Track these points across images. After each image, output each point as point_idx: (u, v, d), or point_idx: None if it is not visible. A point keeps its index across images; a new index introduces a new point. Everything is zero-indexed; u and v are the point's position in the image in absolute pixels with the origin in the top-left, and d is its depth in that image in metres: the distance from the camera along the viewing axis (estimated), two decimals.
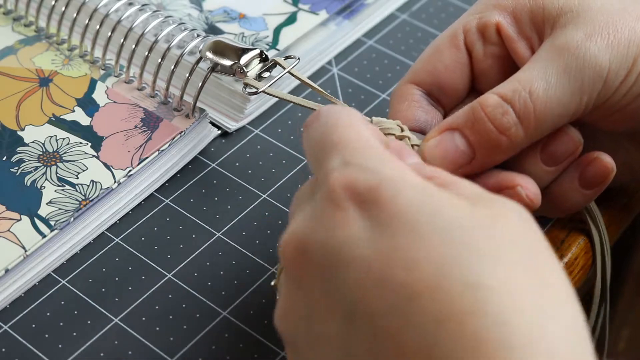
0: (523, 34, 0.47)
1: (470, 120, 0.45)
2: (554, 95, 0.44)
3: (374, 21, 0.63)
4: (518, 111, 0.44)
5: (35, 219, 0.48)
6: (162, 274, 0.49)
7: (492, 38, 0.48)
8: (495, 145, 0.44)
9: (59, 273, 0.49)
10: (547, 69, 0.45)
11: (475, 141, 0.45)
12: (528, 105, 0.44)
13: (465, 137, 0.45)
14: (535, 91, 0.44)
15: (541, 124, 0.44)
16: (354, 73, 0.60)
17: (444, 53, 0.49)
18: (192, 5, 0.60)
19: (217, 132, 0.56)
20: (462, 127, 0.45)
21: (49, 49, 0.57)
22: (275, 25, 0.59)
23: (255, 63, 0.53)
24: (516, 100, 0.44)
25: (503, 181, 0.45)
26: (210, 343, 0.47)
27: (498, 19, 0.48)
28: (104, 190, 0.50)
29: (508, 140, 0.44)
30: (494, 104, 0.44)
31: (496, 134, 0.44)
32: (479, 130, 0.44)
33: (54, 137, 0.52)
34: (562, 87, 0.44)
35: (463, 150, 0.45)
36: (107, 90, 0.55)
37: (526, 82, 0.44)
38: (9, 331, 0.47)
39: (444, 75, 0.48)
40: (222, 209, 0.52)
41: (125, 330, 0.47)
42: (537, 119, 0.44)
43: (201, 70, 0.53)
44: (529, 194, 0.44)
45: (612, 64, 0.44)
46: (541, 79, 0.44)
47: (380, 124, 0.47)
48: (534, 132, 0.44)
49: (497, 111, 0.44)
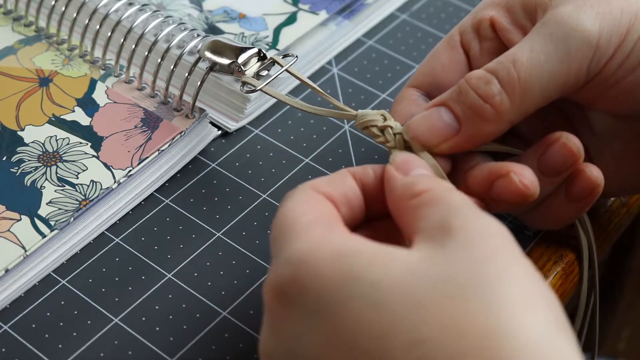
0: (516, 23, 0.47)
1: (455, 92, 0.45)
2: (538, 62, 0.44)
3: (374, 21, 0.63)
4: (501, 79, 0.44)
5: (35, 219, 0.48)
6: (162, 274, 0.49)
7: (487, 33, 0.48)
8: (479, 114, 0.44)
9: (59, 273, 0.49)
10: (532, 39, 0.44)
11: (460, 111, 0.44)
12: (511, 72, 0.44)
13: (450, 110, 0.45)
14: (519, 59, 0.44)
15: (527, 92, 0.44)
16: (354, 73, 0.60)
17: (441, 55, 0.49)
18: (192, 5, 0.60)
19: (217, 132, 0.56)
20: (448, 100, 0.45)
21: (49, 49, 0.57)
22: (275, 25, 0.59)
23: (254, 62, 0.53)
24: (499, 70, 0.44)
25: (496, 170, 0.44)
26: (210, 343, 0.47)
27: (491, 14, 0.48)
28: (104, 190, 0.50)
29: (492, 109, 0.44)
30: (478, 76, 0.44)
31: (480, 102, 0.44)
32: (463, 100, 0.44)
33: (54, 137, 0.52)
34: (547, 54, 0.44)
35: (448, 122, 0.44)
36: (107, 90, 0.55)
37: (510, 54, 0.44)
38: (9, 331, 0.47)
39: (441, 74, 0.48)
40: (222, 209, 0.52)
41: (125, 330, 0.47)
42: (522, 87, 0.44)
43: (200, 70, 0.53)
44: (523, 180, 0.43)
45: (602, 31, 0.44)
46: (525, 49, 0.44)
47: (363, 117, 0.47)
48: (520, 100, 0.44)
49: (481, 81, 0.44)
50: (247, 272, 0.49)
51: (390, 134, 0.46)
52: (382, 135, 0.46)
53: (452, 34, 0.49)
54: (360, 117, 0.47)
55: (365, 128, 0.47)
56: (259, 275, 0.49)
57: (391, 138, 0.46)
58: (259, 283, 0.49)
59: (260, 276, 0.49)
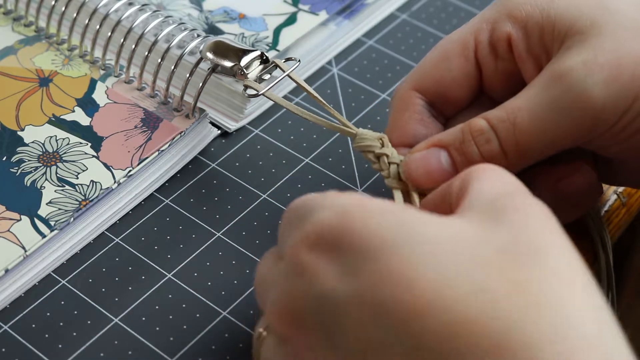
0: (532, 52, 0.46)
1: (458, 140, 0.44)
2: (538, 128, 0.43)
3: (374, 21, 0.63)
4: (501, 140, 0.44)
5: (35, 219, 0.48)
6: (162, 274, 0.49)
7: (504, 53, 0.47)
8: None
9: (59, 273, 0.49)
10: (536, 99, 0.43)
11: (459, 162, 0.44)
12: (511, 136, 0.43)
13: (450, 156, 0.45)
14: (519, 122, 0.43)
15: (524, 155, 0.44)
16: (354, 73, 0.60)
17: (453, 63, 0.47)
18: (192, 5, 0.60)
19: (217, 132, 0.56)
20: (449, 146, 0.45)
21: (49, 49, 0.57)
22: (275, 25, 0.59)
23: (256, 64, 0.53)
24: (499, 129, 0.44)
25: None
26: (210, 343, 0.47)
27: (510, 32, 0.46)
28: (104, 191, 0.50)
29: None
30: (480, 129, 0.44)
31: (480, 158, 0.44)
32: (464, 152, 0.44)
33: (54, 137, 0.52)
34: (548, 121, 0.43)
35: (446, 169, 0.45)
36: (107, 91, 0.55)
37: (511, 112, 0.44)
38: (9, 331, 0.47)
39: (450, 86, 0.48)
40: (222, 209, 0.52)
41: (125, 330, 0.47)
42: (519, 151, 0.44)
43: (201, 70, 0.53)
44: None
45: (608, 100, 0.42)
46: (527, 110, 0.43)
47: (361, 140, 0.47)
48: (517, 162, 0.44)
49: (482, 137, 0.44)
50: (247, 272, 0.49)
51: (385, 162, 0.46)
52: (378, 162, 0.46)
53: (467, 41, 0.47)
54: (359, 139, 0.47)
55: (362, 152, 0.47)
56: None
57: (385, 167, 0.46)
58: None
59: None
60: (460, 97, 0.48)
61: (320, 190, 0.53)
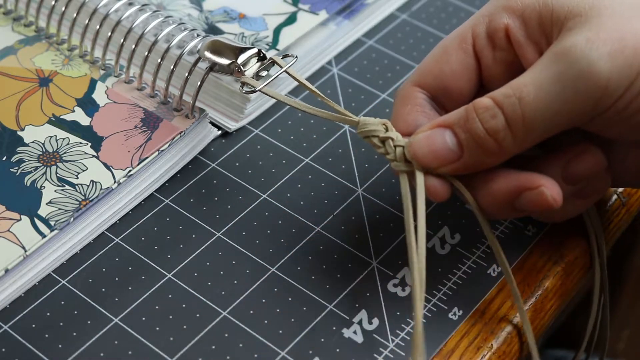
0: (531, 38, 0.46)
1: (462, 118, 0.45)
2: (544, 101, 0.43)
3: (374, 21, 0.63)
4: (507, 115, 0.44)
5: (35, 219, 0.48)
6: (162, 274, 0.49)
7: (501, 43, 0.47)
8: (482, 146, 0.44)
9: (59, 273, 0.49)
10: (541, 75, 0.44)
11: (464, 140, 0.45)
12: (517, 110, 0.43)
13: (455, 135, 0.45)
14: (525, 97, 0.43)
15: (530, 131, 0.44)
16: (354, 73, 0.60)
17: (452, 56, 0.48)
18: (192, 5, 0.60)
19: (217, 132, 0.56)
20: (454, 125, 0.45)
21: (49, 49, 0.57)
22: (275, 25, 0.59)
23: (253, 62, 0.53)
24: (505, 105, 0.44)
25: (525, 182, 0.45)
26: (210, 343, 0.47)
27: (507, 22, 0.47)
28: (104, 190, 0.50)
29: (496, 144, 0.44)
30: (485, 106, 0.44)
31: (485, 135, 0.44)
32: (469, 129, 0.44)
33: (54, 137, 0.52)
34: (553, 95, 0.43)
35: (451, 148, 0.45)
36: (107, 91, 0.55)
37: (517, 87, 0.44)
38: (9, 331, 0.47)
39: (450, 79, 0.48)
40: (222, 209, 0.52)
41: (125, 330, 0.47)
42: (525, 125, 0.44)
43: (200, 70, 0.53)
44: (554, 194, 0.44)
45: (612, 74, 0.43)
46: (532, 85, 0.44)
47: (365, 126, 0.47)
48: (523, 138, 0.44)
49: (487, 114, 0.44)
50: (247, 272, 0.49)
51: (391, 146, 0.46)
52: (383, 146, 0.46)
53: (465, 34, 0.48)
54: (362, 125, 0.47)
55: (366, 137, 0.47)
56: (259, 275, 0.49)
57: (392, 150, 0.46)
58: (259, 283, 0.49)
59: (260, 276, 0.49)
60: (460, 90, 0.48)
61: (320, 190, 0.53)
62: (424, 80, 0.48)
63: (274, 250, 0.50)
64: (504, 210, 0.46)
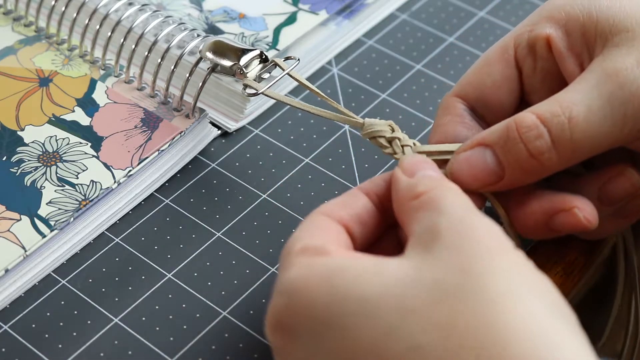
0: (573, 49, 0.46)
1: (503, 138, 0.43)
2: (594, 123, 0.42)
3: (374, 21, 0.63)
4: (554, 136, 0.42)
5: (35, 219, 0.48)
6: (162, 274, 0.49)
7: (543, 53, 0.46)
8: (525, 168, 0.43)
9: (59, 273, 0.49)
10: (591, 95, 0.42)
11: (505, 161, 0.43)
12: (565, 131, 0.42)
13: (495, 156, 0.44)
14: (575, 117, 0.42)
15: (577, 151, 0.43)
16: (354, 73, 0.60)
17: (493, 67, 0.47)
18: (192, 5, 0.60)
19: (217, 132, 0.56)
20: (494, 145, 0.44)
21: (49, 49, 0.57)
22: (275, 25, 0.59)
23: (255, 64, 0.53)
24: (553, 125, 0.42)
25: (559, 203, 0.44)
26: (210, 343, 0.47)
27: (549, 32, 0.46)
28: (104, 190, 0.50)
29: (539, 165, 0.43)
30: (529, 125, 0.43)
31: (527, 157, 0.43)
32: (511, 150, 0.43)
33: (54, 137, 0.52)
34: (603, 117, 0.42)
35: (492, 169, 0.44)
36: (107, 90, 0.55)
37: (567, 106, 0.42)
38: (9, 331, 0.47)
39: (490, 90, 0.47)
40: (222, 209, 0.52)
41: (125, 330, 0.47)
42: (573, 146, 0.42)
43: (201, 70, 0.53)
44: (587, 215, 0.44)
45: None
46: (583, 105, 0.42)
47: (371, 127, 0.47)
48: (569, 159, 0.43)
49: (532, 133, 0.42)
50: (247, 272, 0.49)
51: (398, 146, 0.46)
52: (390, 146, 0.46)
53: (507, 44, 0.47)
54: (368, 126, 0.47)
55: (372, 138, 0.47)
56: (259, 275, 0.49)
57: (399, 150, 0.46)
58: (259, 283, 0.49)
59: (260, 276, 0.49)
60: (501, 102, 0.47)
61: (320, 190, 0.53)
62: (464, 91, 0.48)
63: (274, 250, 0.50)
64: (540, 231, 0.45)
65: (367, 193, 0.43)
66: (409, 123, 0.57)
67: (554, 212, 0.44)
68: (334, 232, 0.41)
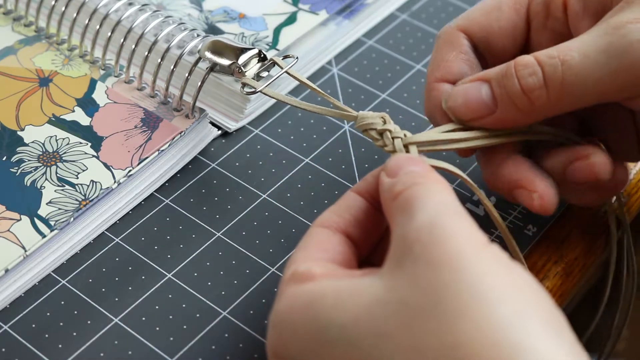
0: (588, 12, 0.47)
1: (501, 74, 0.45)
2: (587, 69, 0.43)
3: (374, 21, 0.63)
4: (546, 74, 0.44)
5: (35, 219, 0.48)
6: (162, 274, 0.49)
7: (557, 13, 0.47)
8: (515, 103, 0.44)
9: (59, 273, 0.49)
10: (590, 43, 0.43)
11: (498, 95, 0.45)
12: (557, 72, 0.43)
13: (491, 89, 0.45)
14: (569, 61, 0.43)
15: (566, 94, 0.44)
16: (354, 73, 0.60)
17: (503, 13, 0.48)
18: (192, 5, 0.60)
19: (217, 132, 0.56)
20: (492, 80, 0.45)
21: (49, 49, 0.57)
22: (275, 25, 0.59)
23: (254, 62, 0.53)
24: (547, 65, 0.44)
25: (523, 180, 0.45)
26: (210, 343, 0.47)
27: None
28: (104, 190, 0.50)
29: (529, 102, 0.44)
30: (526, 63, 0.44)
31: (519, 92, 0.44)
32: (505, 85, 0.44)
33: (54, 137, 0.52)
34: (598, 64, 0.43)
35: (485, 101, 0.45)
36: (107, 90, 0.55)
37: (563, 50, 0.44)
38: (9, 331, 0.47)
39: (496, 35, 0.48)
40: (222, 209, 0.52)
41: (125, 330, 0.47)
42: (563, 88, 0.43)
43: (200, 70, 0.53)
44: (544, 203, 0.44)
45: None
46: (578, 51, 0.43)
47: (363, 119, 0.47)
48: (558, 100, 0.44)
49: (526, 71, 0.44)
50: (247, 272, 0.49)
51: (388, 137, 0.46)
52: (381, 139, 0.46)
53: None
54: (360, 119, 0.47)
55: (365, 131, 0.47)
56: (259, 276, 0.49)
57: (389, 142, 0.46)
58: (259, 283, 0.49)
59: (260, 276, 0.49)
60: (504, 48, 0.48)
61: (320, 190, 0.53)
62: (471, 28, 0.49)
63: (274, 250, 0.50)
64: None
65: (361, 193, 0.43)
66: (409, 123, 0.57)
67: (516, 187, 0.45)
68: (330, 245, 0.41)
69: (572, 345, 0.35)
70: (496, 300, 0.35)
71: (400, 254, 0.37)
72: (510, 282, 0.36)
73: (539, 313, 0.35)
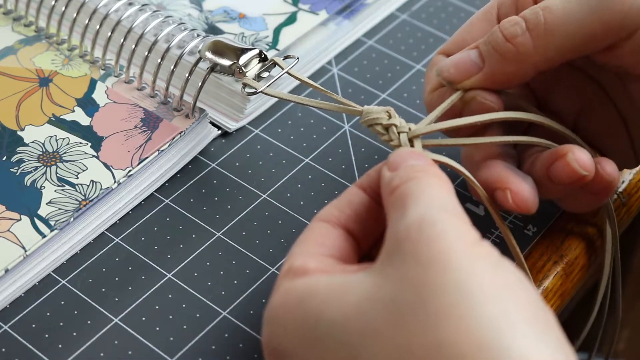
0: None
1: (487, 36, 0.46)
2: (569, 9, 0.44)
3: (374, 21, 0.63)
4: (528, 21, 0.45)
5: (35, 219, 0.48)
6: (162, 274, 0.49)
7: (527, 6, 0.48)
8: (501, 52, 0.45)
9: (59, 273, 0.49)
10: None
11: (485, 51, 0.46)
12: (539, 17, 0.45)
13: (479, 51, 0.46)
14: (550, 6, 0.45)
15: (551, 36, 0.45)
16: (354, 73, 0.60)
17: (475, 26, 0.49)
18: (192, 5, 0.60)
19: (217, 132, 0.56)
20: (480, 43, 0.47)
21: (49, 49, 0.57)
22: (275, 25, 0.59)
23: (255, 63, 0.53)
24: (529, 15, 0.45)
25: (498, 181, 0.45)
26: (210, 343, 0.47)
27: None
28: (104, 190, 0.50)
29: (514, 48, 0.45)
30: (509, 18, 0.46)
31: (502, 41, 0.45)
32: (490, 40, 0.46)
33: (54, 137, 0.52)
34: (579, 4, 0.44)
35: (474, 60, 0.46)
36: (107, 90, 0.55)
37: (543, 3, 0.45)
38: (9, 331, 0.47)
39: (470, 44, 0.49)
40: (222, 209, 0.52)
41: (125, 330, 0.47)
42: (546, 30, 0.44)
43: (201, 70, 0.53)
44: (517, 199, 0.44)
45: (633, 5, 0.44)
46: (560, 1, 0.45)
47: (368, 114, 0.47)
48: (543, 43, 0.45)
49: (509, 23, 0.45)
50: (247, 272, 0.49)
51: (394, 132, 0.46)
52: (387, 133, 0.46)
53: (490, 6, 0.50)
54: (365, 114, 0.47)
55: (370, 126, 0.47)
56: (259, 275, 0.49)
57: (395, 137, 0.46)
58: (259, 283, 0.49)
59: (260, 276, 0.49)
60: None
61: (320, 190, 0.53)
62: (449, 49, 0.50)
63: (274, 250, 0.50)
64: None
65: (363, 188, 0.43)
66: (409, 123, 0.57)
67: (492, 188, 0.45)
68: (329, 240, 0.41)
69: (559, 345, 0.35)
70: (483, 300, 0.34)
71: (391, 251, 0.37)
72: (498, 281, 0.35)
73: (526, 313, 0.35)
